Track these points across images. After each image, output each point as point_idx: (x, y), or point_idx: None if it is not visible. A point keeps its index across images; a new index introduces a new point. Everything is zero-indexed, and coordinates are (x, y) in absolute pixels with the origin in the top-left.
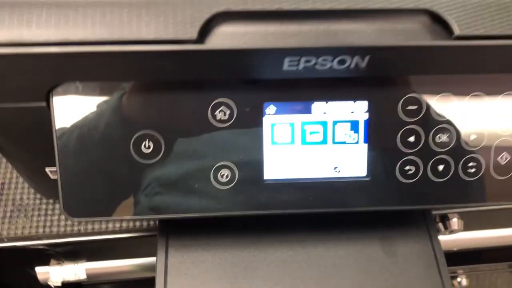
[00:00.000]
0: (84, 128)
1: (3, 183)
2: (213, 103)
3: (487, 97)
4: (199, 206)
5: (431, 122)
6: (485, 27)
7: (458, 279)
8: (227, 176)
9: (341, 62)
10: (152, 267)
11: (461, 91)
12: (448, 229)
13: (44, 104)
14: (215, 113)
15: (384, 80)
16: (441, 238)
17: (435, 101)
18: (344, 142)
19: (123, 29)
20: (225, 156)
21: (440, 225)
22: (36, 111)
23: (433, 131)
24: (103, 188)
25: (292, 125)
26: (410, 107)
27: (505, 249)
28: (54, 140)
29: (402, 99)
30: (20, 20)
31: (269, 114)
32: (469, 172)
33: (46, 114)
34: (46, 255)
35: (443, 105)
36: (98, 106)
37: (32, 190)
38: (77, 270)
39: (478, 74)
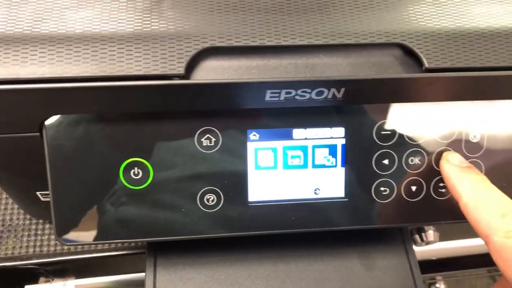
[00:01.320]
0: (75, 156)
1: None
2: (199, 130)
3: (455, 122)
4: (187, 229)
5: (404, 146)
6: (452, 60)
7: (437, 285)
8: (213, 200)
9: (319, 93)
10: (140, 283)
11: (430, 117)
12: (425, 241)
13: (37, 134)
14: (201, 140)
15: (359, 108)
16: (419, 248)
17: (406, 126)
18: (323, 166)
19: (114, 65)
20: (211, 181)
21: (417, 236)
22: (29, 140)
23: (405, 154)
24: (96, 214)
25: (274, 150)
26: (383, 132)
27: (483, 256)
28: (47, 168)
29: (376, 125)
30: (16, 57)
31: (253, 140)
32: (440, 192)
33: (39, 143)
34: (35, 274)
35: (414, 130)
36: (89, 135)
37: (21, 211)
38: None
39: (447, 101)
